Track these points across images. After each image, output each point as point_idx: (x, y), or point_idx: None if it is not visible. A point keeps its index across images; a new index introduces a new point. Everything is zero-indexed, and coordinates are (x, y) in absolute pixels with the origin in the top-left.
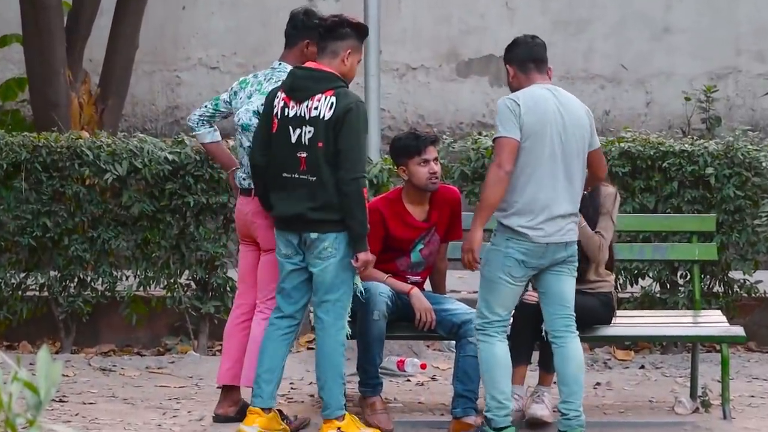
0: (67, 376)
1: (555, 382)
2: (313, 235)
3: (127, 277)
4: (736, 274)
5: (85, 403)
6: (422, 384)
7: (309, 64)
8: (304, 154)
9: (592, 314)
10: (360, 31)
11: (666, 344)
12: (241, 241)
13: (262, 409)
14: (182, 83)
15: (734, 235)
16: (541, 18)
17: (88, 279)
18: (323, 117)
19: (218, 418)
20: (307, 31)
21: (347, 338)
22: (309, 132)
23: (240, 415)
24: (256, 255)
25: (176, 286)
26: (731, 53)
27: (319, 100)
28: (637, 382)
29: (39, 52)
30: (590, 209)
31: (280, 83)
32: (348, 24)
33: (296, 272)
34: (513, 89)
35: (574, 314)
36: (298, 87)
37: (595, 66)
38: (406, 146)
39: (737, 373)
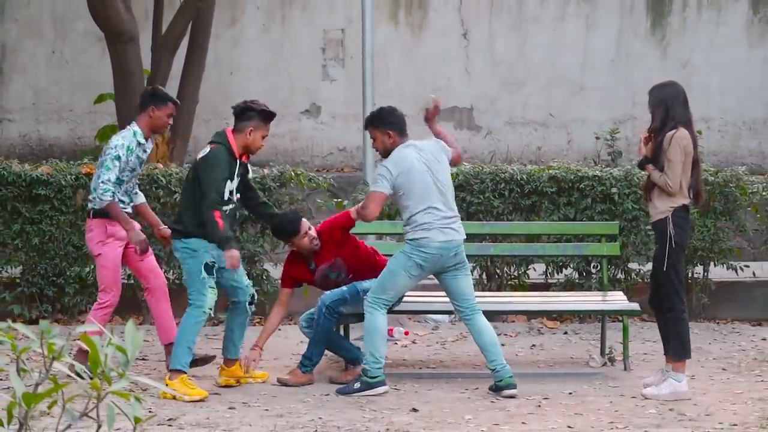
0: (147, 341)
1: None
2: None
3: None
4: (633, 265)
5: (160, 361)
6: (406, 346)
7: (226, 130)
8: None
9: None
10: (263, 114)
11: (583, 316)
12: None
13: None
14: None
15: (632, 237)
16: (491, 79)
17: (163, 271)
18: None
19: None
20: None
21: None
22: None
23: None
24: None
25: None
26: (629, 105)
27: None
28: (562, 344)
29: (126, 107)
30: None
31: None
32: (253, 109)
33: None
34: (388, 151)
35: (472, 298)
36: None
37: (531, 114)
38: (284, 231)
39: (634, 337)
